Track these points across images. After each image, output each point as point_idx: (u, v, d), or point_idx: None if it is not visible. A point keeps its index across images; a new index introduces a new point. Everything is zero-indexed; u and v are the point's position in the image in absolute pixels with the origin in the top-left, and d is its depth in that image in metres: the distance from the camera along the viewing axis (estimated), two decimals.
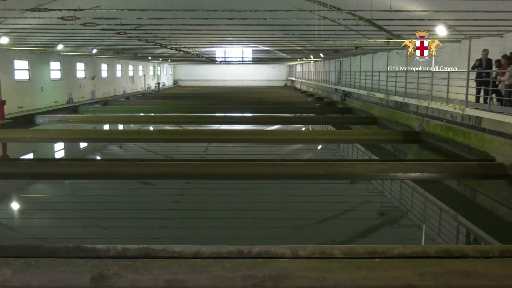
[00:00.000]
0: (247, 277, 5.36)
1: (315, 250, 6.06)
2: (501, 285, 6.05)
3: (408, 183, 12.96)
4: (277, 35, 21.67)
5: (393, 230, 9.79)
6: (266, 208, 10.47)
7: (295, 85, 65.77)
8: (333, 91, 38.56)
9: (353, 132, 22.36)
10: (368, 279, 5.54)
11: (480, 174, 13.01)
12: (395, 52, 24.26)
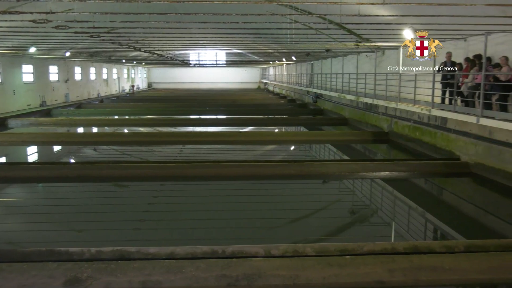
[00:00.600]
0: (221, 277, 5.37)
1: (288, 249, 6.10)
2: (466, 279, 6.21)
3: (378, 182, 13.11)
4: (249, 38, 21.70)
5: (364, 228, 9.89)
6: (240, 209, 10.48)
7: (268, 87, 65.89)
8: (305, 93, 38.77)
9: (324, 133, 22.51)
10: (339, 276, 5.61)
11: (446, 172, 13.25)
12: (364, 55, 24.53)
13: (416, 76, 15.40)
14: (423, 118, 16.21)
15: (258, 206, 10.75)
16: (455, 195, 12.45)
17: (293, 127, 26.00)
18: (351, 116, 25.27)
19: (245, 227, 9.37)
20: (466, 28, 12.00)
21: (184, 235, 8.75)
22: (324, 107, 31.88)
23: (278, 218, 9.86)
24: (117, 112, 30.69)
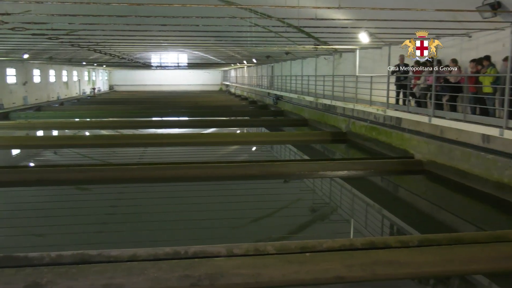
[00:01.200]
0: (184, 277, 5.34)
1: (250, 248, 6.12)
2: (420, 271, 6.38)
3: (337, 180, 13.30)
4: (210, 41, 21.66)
5: (324, 225, 10.01)
6: (203, 209, 10.41)
7: (230, 89, 65.85)
8: (266, 95, 38.96)
9: (285, 134, 22.65)
10: (299, 273, 5.67)
11: (401, 170, 13.57)
12: (323, 58, 24.87)
13: (372, 78, 15.73)
14: (379, 118, 16.56)
15: (220, 206, 10.72)
16: (410, 192, 12.77)
17: (255, 128, 26.06)
18: (311, 117, 25.54)
19: (208, 227, 9.33)
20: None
21: (147, 236, 8.65)
22: (285, 108, 32.13)
23: (240, 218, 9.88)
24: (78, 114, 29.98)
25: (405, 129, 14.66)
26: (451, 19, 10.78)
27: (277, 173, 13.15)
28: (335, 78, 20.30)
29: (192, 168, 12.78)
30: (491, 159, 10.64)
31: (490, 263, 6.64)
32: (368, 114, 17.42)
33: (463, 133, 11.48)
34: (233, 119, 28.94)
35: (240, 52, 29.77)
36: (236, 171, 12.89)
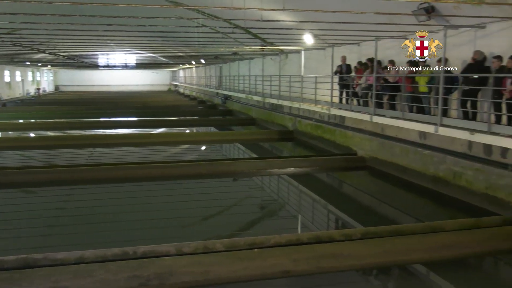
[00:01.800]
0: (133, 278, 5.23)
1: (199, 246, 6.08)
2: (363, 263, 6.55)
3: (285, 177, 13.43)
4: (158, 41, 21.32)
5: (272, 222, 10.08)
6: (152, 209, 10.24)
7: (179, 89, 65.15)
8: (214, 95, 38.82)
9: (234, 133, 22.65)
10: (248, 269, 5.69)
11: (345, 166, 13.88)
12: (269, 58, 25.05)
13: (317, 78, 16.00)
14: (323, 117, 16.86)
15: (170, 206, 10.58)
16: (353, 187, 13.08)
17: (204, 128, 25.92)
18: (259, 116, 25.67)
19: (157, 227, 9.18)
20: (358, 34, 12.65)
21: (95, 238, 8.40)
22: (233, 108, 32.13)
23: (190, 217, 9.79)
24: (21, 116, 28.65)
25: (349, 127, 15.00)
26: (389, 22, 11.12)
27: (226, 171, 13.13)
28: (281, 78, 20.48)
29: (141, 168, 12.55)
30: (428, 154, 11.07)
31: (428, 252, 6.91)
32: (313, 113, 17.69)
33: (402, 130, 11.86)
34: (182, 119, 28.62)
35: (188, 52, 29.50)
36: (186, 171, 12.76)
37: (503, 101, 8.81)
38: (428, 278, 7.01)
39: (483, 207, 9.27)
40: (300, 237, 6.75)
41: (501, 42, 9.49)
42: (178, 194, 11.75)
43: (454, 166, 10.18)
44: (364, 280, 6.83)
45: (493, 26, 9.65)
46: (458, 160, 10.05)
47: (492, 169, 9.13)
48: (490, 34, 9.81)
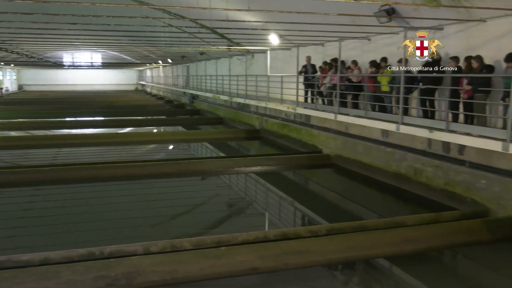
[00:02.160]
0: (99, 278, 5.14)
1: (166, 245, 6.03)
2: (328, 258, 6.63)
3: (252, 176, 13.45)
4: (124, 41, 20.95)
5: (240, 219, 10.10)
6: (120, 209, 10.09)
7: (146, 89, 64.36)
8: (182, 94, 38.53)
9: (201, 132, 22.56)
10: (215, 266, 5.68)
11: (311, 164, 13.99)
12: (236, 58, 25.04)
13: (282, 77, 16.08)
14: (290, 116, 16.97)
15: (138, 205, 10.45)
16: (319, 185, 13.22)
17: (171, 127, 25.70)
18: (226, 115, 25.63)
19: (125, 227, 9.06)
20: (323, 34, 12.77)
21: (61, 239, 8.21)
22: (201, 107, 31.97)
23: (158, 216, 9.70)
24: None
25: (314, 126, 15.13)
26: (352, 23, 11.28)
27: (194, 170, 13.05)
28: (248, 78, 20.51)
29: (108, 168, 12.32)
30: (390, 152, 11.29)
31: (390, 247, 7.05)
32: (279, 112, 17.78)
33: (365, 129, 12.05)
34: (149, 118, 28.30)
35: (155, 52, 29.15)
36: (153, 170, 12.61)
37: (460, 100, 9.06)
38: (391, 272, 7.15)
39: (443, 202, 9.51)
40: (267, 234, 6.78)
41: (457, 43, 9.77)
42: (146, 193, 11.60)
43: (415, 163, 10.42)
44: (329, 275, 6.91)
45: (450, 28, 9.93)
46: (419, 157, 10.29)
47: (450, 165, 9.39)
48: (447, 35, 10.08)
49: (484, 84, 8.45)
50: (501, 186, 8.22)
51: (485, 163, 8.56)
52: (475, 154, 8.71)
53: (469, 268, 7.45)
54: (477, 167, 8.74)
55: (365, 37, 12.80)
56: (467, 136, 8.16)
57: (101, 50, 37.16)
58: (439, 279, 6.71)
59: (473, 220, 7.94)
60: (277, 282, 6.19)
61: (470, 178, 8.92)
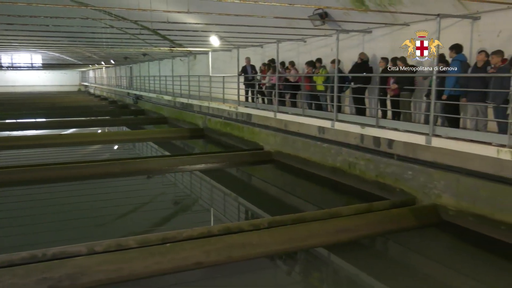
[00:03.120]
0: (42, 280, 4.94)
1: (111, 244, 5.88)
2: (270, 250, 6.72)
3: (197, 173, 13.36)
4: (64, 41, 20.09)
5: (186, 216, 10.02)
6: (64, 210, 9.72)
7: (89, 90, 62.23)
8: (125, 95, 37.61)
9: (146, 132, 22.12)
10: (160, 263, 5.61)
11: (253, 161, 14.09)
12: (178, 59, 24.74)
13: (224, 78, 16.07)
14: (232, 114, 17.00)
15: (83, 206, 10.10)
16: (261, 180, 13.34)
17: (116, 127, 25.02)
18: (170, 115, 25.30)
19: (70, 228, 8.72)
20: (261, 36, 12.88)
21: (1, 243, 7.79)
22: (145, 107, 31.37)
23: (104, 216, 9.45)
24: None
25: (255, 124, 15.25)
26: (288, 26, 11.45)
27: (140, 169, 12.82)
28: (190, 78, 20.32)
29: (52, 169, 11.85)
30: (326, 147, 11.57)
31: (328, 236, 7.26)
32: (222, 111, 17.76)
33: (303, 126, 12.28)
34: (93, 119, 27.39)
35: (97, 53, 28.20)
36: (98, 170, 12.24)
37: (388, 98, 9.43)
38: (329, 260, 7.36)
39: (374, 193, 9.88)
40: (211, 230, 6.77)
41: (384, 45, 10.17)
42: (91, 194, 11.25)
43: (349, 157, 10.75)
44: (272, 266, 7.00)
45: (378, 31, 10.30)
46: (352, 151, 10.62)
47: (381, 158, 9.77)
48: (375, 38, 10.46)
49: (408, 83, 8.85)
50: (426, 177, 8.66)
51: (411, 155, 8.98)
52: (403, 147, 9.12)
53: (398, 253, 7.79)
54: (404, 159, 9.15)
55: (301, 39, 13.02)
56: (395, 131, 8.50)
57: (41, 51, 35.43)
58: (372, 264, 6.97)
59: (402, 209, 8.32)
60: (221, 276, 6.20)
61: (398, 170, 9.33)
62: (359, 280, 6.61)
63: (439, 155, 8.30)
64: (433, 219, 8.24)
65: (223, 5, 8.75)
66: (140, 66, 33.74)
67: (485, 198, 7.49)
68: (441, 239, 7.94)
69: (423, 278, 6.44)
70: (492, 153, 6.51)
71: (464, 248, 7.52)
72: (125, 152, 18.09)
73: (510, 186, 7.10)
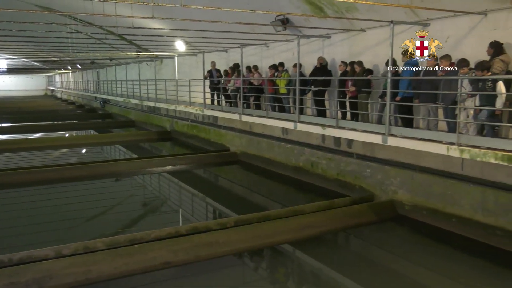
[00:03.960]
0: (9, 285, 4.78)
1: (79, 247, 5.74)
2: (237, 248, 6.73)
3: (165, 175, 13.22)
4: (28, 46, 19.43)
5: (155, 217, 9.91)
6: (32, 214, 9.42)
7: (56, 94, 60.52)
8: (93, 99, 36.80)
9: (114, 135, 21.68)
10: (129, 264, 5.52)
11: (219, 162, 14.07)
12: (145, 63, 24.39)
13: (190, 81, 15.95)
14: (198, 117, 16.91)
15: (51, 210, 9.86)
16: (228, 180, 13.31)
17: (84, 131, 24.42)
18: (138, 118, 24.93)
19: (36, 232, 8.46)
20: (226, 41, 12.86)
21: None
22: (112, 111, 30.80)
23: (72, 219, 9.19)
24: None
25: (221, 126, 15.23)
26: (251, 31, 11.48)
27: (108, 172, 12.60)
28: (157, 82, 20.07)
29: (18, 174, 11.48)
30: (290, 147, 11.68)
31: (292, 233, 7.32)
32: (189, 114, 17.65)
33: (267, 128, 12.35)
34: (60, 123, 26.68)
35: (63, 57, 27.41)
36: (66, 174, 11.95)
37: (347, 100, 9.60)
38: (294, 255, 7.42)
39: (336, 190, 10.04)
40: (179, 230, 6.72)
41: (343, 50, 10.35)
42: (60, 197, 10.97)
43: (311, 157, 10.88)
44: (239, 263, 7.00)
45: (337, 36, 10.47)
46: (314, 151, 10.76)
47: (341, 157, 9.94)
48: (334, 43, 10.62)
49: (365, 85, 9.03)
50: (383, 174, 8.87)
51: (369, 154, 9.18)
52: (361, 147, 9.31)
53: (359, 246, 7.94)
54: (363, 158, 9.35)
55: (264, 44, 13.07)
56: (354, 131, 8.66)
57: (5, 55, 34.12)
58: (335, 258, 7.09)
59: (361, 205, 8.49)
60: (190, 274, 6.16)
61: (357, 168, 9.51)
62: (322, 274, 6.71)
63: (395, 154, 8.52)
64: (390, 214, 8.45)
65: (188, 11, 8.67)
66: (107, 70, 33.05)
67: (437, 193, 7.75)
68: (398, 233, 8.16)
69: (382, 270, 6.60)
70: (442, 151, 6.73)
71: (419, 240, 7.75)
72: (93, 156, 17.68)
73: (459, 181, 7.38)
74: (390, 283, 6.15)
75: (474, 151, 6.21)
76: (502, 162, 5.86)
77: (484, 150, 6.14)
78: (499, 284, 6.04)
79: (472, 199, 7.19)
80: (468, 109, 6.78)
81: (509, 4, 6.73)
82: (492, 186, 6.90)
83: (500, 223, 6.79)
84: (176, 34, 13.29)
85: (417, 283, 6.17)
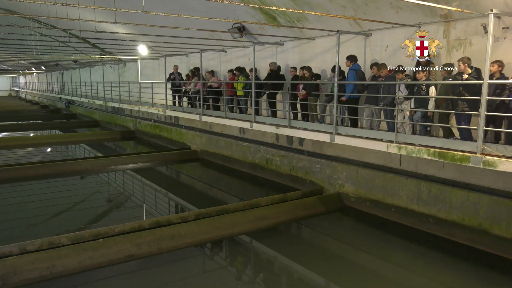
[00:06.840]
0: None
1: (44, 243, 5.51)
2: (197, 239, 6.69)
3: (129, 172, 12.95)
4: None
5: (120, 212, 9.69)
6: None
7: (20, 95, 57.70)
8: (57, 100, 35.37)
9: (78, 135, 20.94)
10: (93, 258, 5.37)
11: (181, 159, 13.95)
12: (109, 66, 23.72)
13: (153, 84, 15.67)
14: (161, 117, 16.65)
15: (16, 207, 9.41)
16: (189, 177, 13.21)
17: (48, 131, 23.43)
18: (102, 119, 24.22)
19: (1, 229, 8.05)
20: (186, 46, 12.71)
21: None
22: (77, 111, 29.76)
23: (37, 216, 8.86)
24: None
25: (183, 126, 15.07)
26: (210, 37, 11.41)
27: (73, 170, 12.19)
28: (121, 84, 19.56)
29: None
30: (246, 146, 11.72)
31: (249, 224, 7.37)
32: (151, 115, 17.34)
33: (226, 127, 12.34)
34: (25, 123, 25.50)
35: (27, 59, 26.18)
36: (30, 172, 11.47)
37: (298, 102, 9.72)
38: (251, 245, 7.46)
39: (289, 184, 10.18)
40: (142, 224, 6.61)
41: (294, 56, 10.47)
42: (24, 195, 10.50)
43: (267, 154, 10.96)
44: (200, 254, 6.97)
45: (289, 44, 10.59)
46: (269, 149, 10.85)
47: (293, 155, 10.08)
48: (286, 50, 10.73)
49: (314, 89, 9.18)
50: (330, 169, 9.07)
51: (318, 151, 9.36)
52: (311, 145, 9.47)
53: (310, 235, 8.09)
54: (313, 155, 9.51)
55: (222, 49, 13.02)
56: (305, 130, 8.78)
57: None
58: (289, 246, 7.19)
59: (311, 198, 8.65)
60: (153, 266, 6.06)
61: (308, 164, 9.67)
62: (277, 262, 6.78)
63: (341, 151, 8.73)
64: (338, 205, 8.66)
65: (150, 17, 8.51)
66: (71, 72, 31.90)
67: (379, 185, 8.01)
68: (345, 222, 8.38)
69: (331, 256, 6.77)
70: (383, 148, 6.96)
71: (362, 228, 8.00)
72: (58, 154, 17.02)
73: (397, 175, 7.67)
74: (338, 267, 6.32)
75: (410, 148, 6.46)
76: (434, 157, 6.13)
77: (418, 147, 6.39)
78: (426, 263, 6.35)
79: (408, 191, 7.49)
80: (404, 110, 7.04)
81: (439, 18, 7.05)
82: (425, 179, 7.22)
83: (432, 211, 7.12)
84: (139, 38, 13.02)
85: (360, 266, 6.37)
